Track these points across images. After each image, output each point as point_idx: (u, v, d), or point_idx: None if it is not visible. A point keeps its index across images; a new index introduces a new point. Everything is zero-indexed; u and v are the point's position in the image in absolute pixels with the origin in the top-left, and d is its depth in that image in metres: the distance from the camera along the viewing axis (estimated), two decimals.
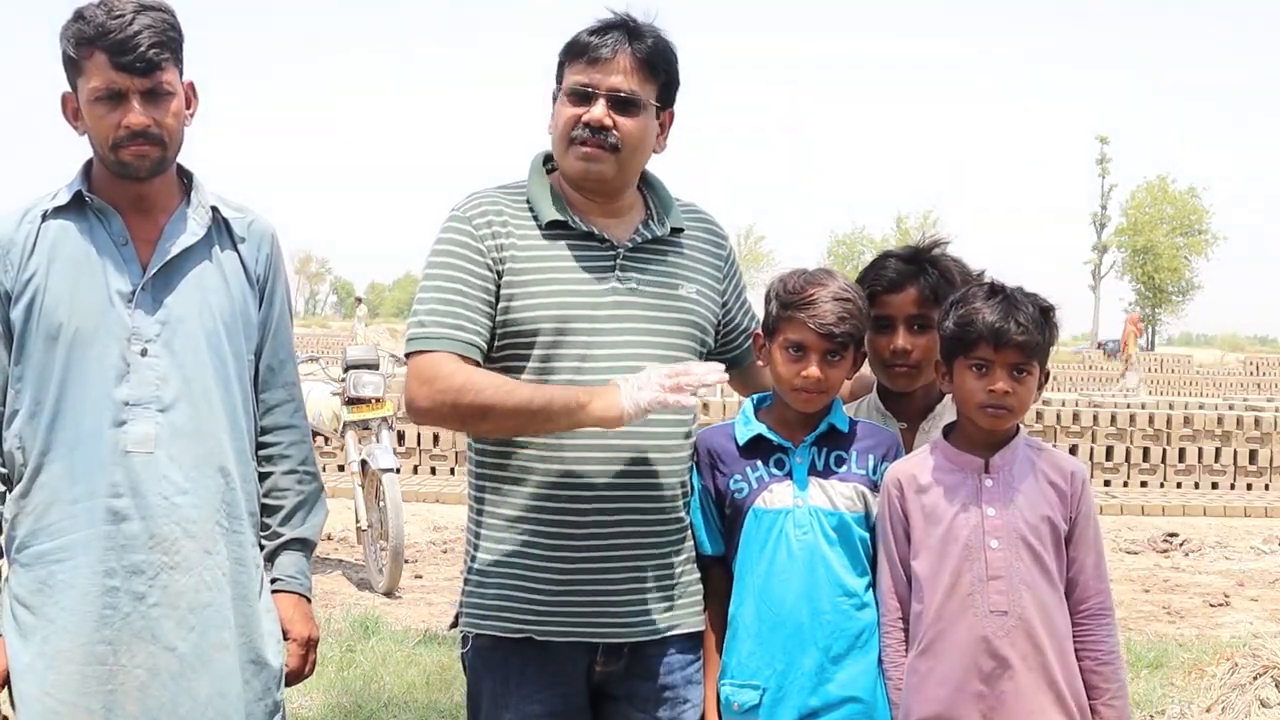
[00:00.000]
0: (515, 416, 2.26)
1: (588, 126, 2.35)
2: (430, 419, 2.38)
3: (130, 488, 2.27)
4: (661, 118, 2.46)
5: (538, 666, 2.38)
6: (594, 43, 2.37)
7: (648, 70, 2.39)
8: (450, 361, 2.31)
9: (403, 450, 11.51)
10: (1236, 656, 4.87)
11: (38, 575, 2.28)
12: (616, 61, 2.36)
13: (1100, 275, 58.86)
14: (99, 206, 2.34)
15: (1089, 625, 2.36)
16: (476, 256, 2.37)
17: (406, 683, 5.20)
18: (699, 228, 2.56)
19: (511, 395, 2.25)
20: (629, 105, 2.37)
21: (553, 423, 2.26)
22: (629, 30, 2.39)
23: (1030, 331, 2.31)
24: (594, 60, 2.36)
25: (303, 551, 2.54)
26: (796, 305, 2.38)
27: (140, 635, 2.27)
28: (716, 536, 2.49)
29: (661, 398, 2.17)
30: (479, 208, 2.41)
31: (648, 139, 2.43)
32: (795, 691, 2.36)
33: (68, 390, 2.29)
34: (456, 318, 2.34)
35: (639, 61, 2.38)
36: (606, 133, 2.35)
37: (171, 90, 2.30)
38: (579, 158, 2.37)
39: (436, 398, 2.29)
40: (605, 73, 2.36)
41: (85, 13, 2.26)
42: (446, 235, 2.40)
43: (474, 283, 2.36)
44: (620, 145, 2.37)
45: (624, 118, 2.37)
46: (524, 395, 2.25)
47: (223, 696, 2.31)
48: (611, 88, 2.36)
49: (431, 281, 2.38)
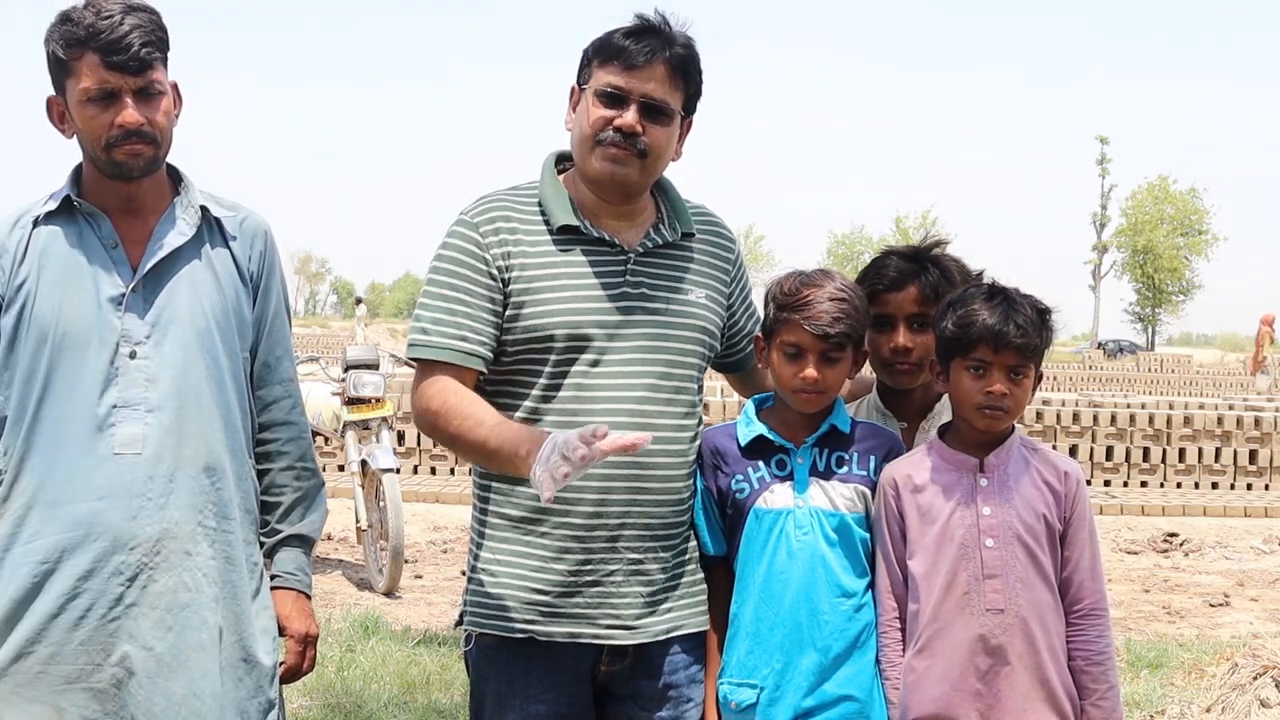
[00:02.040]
0: (474, 453, 2.32)
1: (618, 130, 2.34)
2: (420, 427, 2.44)
3: (112, 490, 2.27)
4: (682, 126, 2.45)
5: (542, 667, 2.38)
6: (630, 47, 2.34)
7: (680, 79, 2.38)
8: (441, 380, 2.35)
9: (403, 450, 11.51)
10: (1236, 656, 4.86)
11: (15, 576, 2.27)
12: (653, 69, 2.34)
13: (1100, 275, 58.84)
14: (88, 210, 2.35)
15: (1082, 625, 2.37)
16: (481, 265, 2.36)
17: (406, 683, 5.20)
18: (708, 231, 2.56)
19: (472, 432, 2.29)
20: (660, 113, 2.36)
21: (503, 467, 2.27)
22: (664, 37, 2.37)
23: (1029, 334, 2.32)
24: (630, 65, 2.34)
25: (302, 548, 2.54)
26: (792, 307, 2.38)
27: (116, 635, 2.26)
28: (719, 537, 2.50)
29: (565, 469, 2.01)
30: (486, 214, 2.40)
31: (671, 147, 2.43)
32: (792, 691, 2.37)
33: (50, 395, 2.29)
34: (459, 327, 2.35)
35: (672, 70, 2.36)
36: (637, 139, 2.34)
37: (162, 89, 2.31)
38: (606, 159, 2.36)
39: (420, 414, 2.39)
40: (640, 79, 2.34)
41: (72, 15, 2.26)
42: (453, 241, 2.40)
43: (478, 291, 2.36)
44: (648, 152, 2.36)
45: (654, 125, 2.36)
46: (481, 434, 2.27)
47: (198, 697, 2.31)
48: (645, 94, 2.34)
49: (435, 288, 2.38)
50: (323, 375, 8.10)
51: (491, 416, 2.29)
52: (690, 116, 2.47)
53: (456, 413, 2.31)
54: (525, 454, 2.13)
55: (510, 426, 2.26)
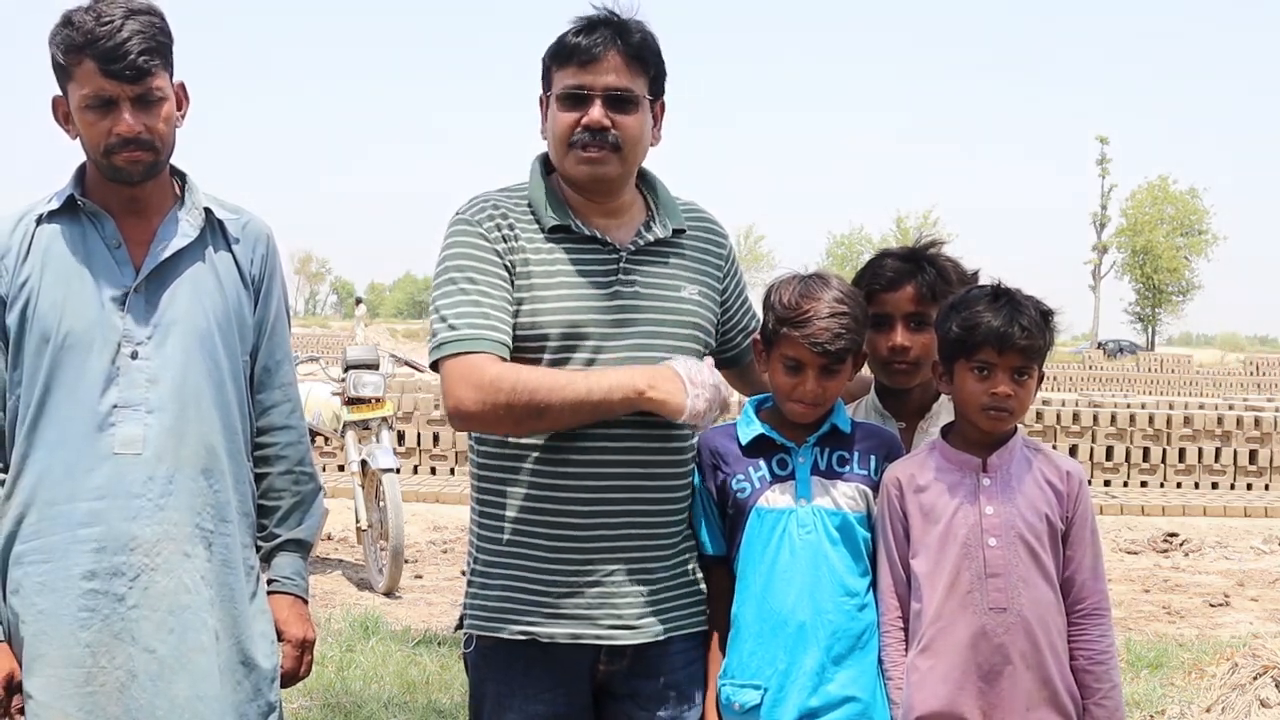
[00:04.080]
0: (574, 412, 2.26)
1: (587, 129, 2.34)
2: (478, 423, 2.31)
3: (112, 490, 2.26)
4: (654, 109, 2.45)
5: (541, 667, 2.37)
6: (582, 44, 2.34)
7: (638, 64, 2.38)
8: (493, 363, 2.28)
9: (403, 450, 11.51)
10: (1236, 656, 4.86)
11: (14, 578, 2.28)
12: (607, 60, 2.34)
13: (1100, 275, 58.87)
14: (91, 210, 2.34)
15: (1084, 625, 2.37)
16: (494, 258, 2.35)
17: (406, 683, 5.20)
18: (699, 228, 2.56)
19: (565, 390, 2.24)
20: (625, 102, 2.36)
21: (611, 412, 2.27)
22: (614, 26, 2.36)
23: (1033, 335, 2.32)
24: (584, 62, 2.34)
25: (299, 552, 2.54)
26: (792, 323, 2.36)
27: (120, 637, 2.26)
28: (719, 537, 2.49)
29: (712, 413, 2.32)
30: (485, 211, 2.40)
31: (646, 133, 2.42)
32: (796, 691, 2.36)
33: (52, 394, 2.28)
34: (487, 318, 2.31)
35: (629, 57, 2.36)
36: (606, 133, 2.34)
37: (162, 96, 2.29)
38: (582, 162, 2.36)
39: (488, 400, 2.25)
40: (597, 73, 2.34)
41: (74, 18, 2.24)
42: (461, 239, 2.38)
43: (497, 284, 2.34)
44: (621, 143, 2.36)
45: (622, 115, 2.36)
46: (580, 388, 2.24)
47: (200, 699, 2.30)
48: (606, 87, 2.34)
49: (454, 284, 2.34)
50: (323, 375, 8.10)
51: (566, 374, 2.28)
52: (660, 99, 2.46)
53: (537, 381, 2.24)
54: (645, 385, 2.26)
55: (604, 371, 2.28)
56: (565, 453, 2.33)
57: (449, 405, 2.30)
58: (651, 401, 2.27)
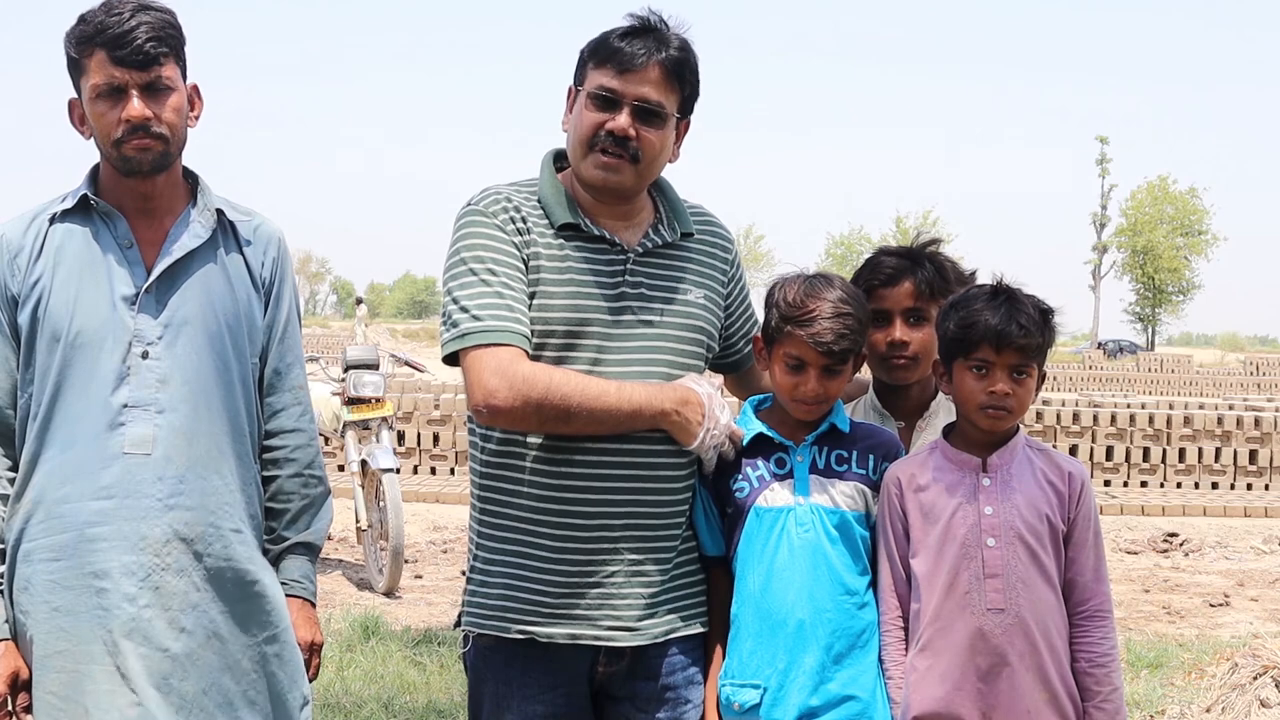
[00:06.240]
0: (601, 422, 2.26)
1: (611, 134, 2.33)
2: (506, 418, 2.27)
3: (122, 489, 2.27)
4: (679, 127, 2.44)
5: (540, 667, 2.37)
6: (625, 50, 2.33)
7: (674, 81, 2.37)
8: (522, 359, 2.26)
9: (403, 450, 11.52)
10: (1236, 656, 4.87)
11: (24, 575, 2.29)
12: (647, 71, 2.33)
13: (1100, 275, 58.88)
14: (104, 210, 2.35)
15: (1086, 626, 2.37)
16: (512, 250, 2.34)
17: (406, 683, 5.20)
18: (706, 232, 2.55)
19: (597, 401, 2.24)
20: (654, 116, 2.35)
21: (633, 427, 2.29)
22: (659, 38, 2.35)
23: (1031, 334, 2.32)
24: (624, 68, 2.33)
25: (307, 555, 2.55)
26: (796, 321, 2.36)
27: (131, 636, 2.27)
28: (718, 537, 2.49)
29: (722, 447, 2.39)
30: (499, 203, 2.39)
31: (667, 149, 2.42)
32: (796, 690, 2.36)
33: (62, 393, 2.29)
34: (511, 310, 2.29)
35: (667, 72, 2.35)
36: (629, 142, 2.33)
37: (171, 85, 2.31)
38: (599, 166, 2.35)
39: (520, 397, 2.22)
40: (634, 82, 2.33)
41: (86, 15, 2.29)
42: (477, 229, 2.36)
43: (517, 277, 2.32)
44: (641, 156, 2.35)
45: (647, 129, 2.35)
46: (611, 400, 2.25)
47: (206, 694, 2.32)
48: (638, 97, 2.33)
49: (474, 275, 2.31)
50: (323, 375, 8.11)
51: (598, 383, 2.27)
52: (687, 118, 2.45)
53: (569, 386, 2.24)
54: (672, 409, 2.29)
55: (634, 387, 2.29)
56: (568, 454, 2.33)
57: (478, 397, 2.26)
58: (672, 424, 2.31)
